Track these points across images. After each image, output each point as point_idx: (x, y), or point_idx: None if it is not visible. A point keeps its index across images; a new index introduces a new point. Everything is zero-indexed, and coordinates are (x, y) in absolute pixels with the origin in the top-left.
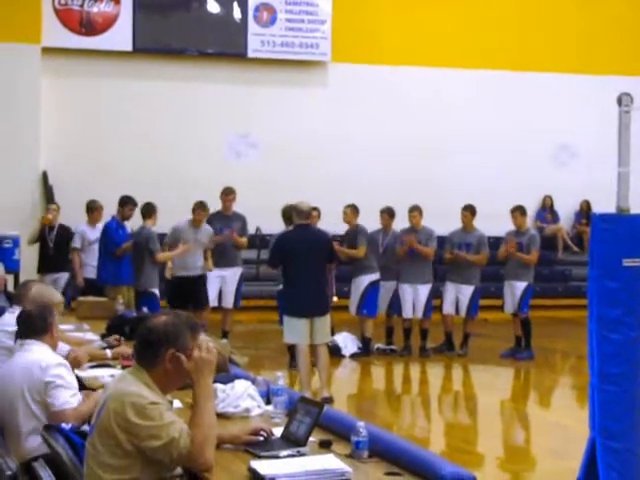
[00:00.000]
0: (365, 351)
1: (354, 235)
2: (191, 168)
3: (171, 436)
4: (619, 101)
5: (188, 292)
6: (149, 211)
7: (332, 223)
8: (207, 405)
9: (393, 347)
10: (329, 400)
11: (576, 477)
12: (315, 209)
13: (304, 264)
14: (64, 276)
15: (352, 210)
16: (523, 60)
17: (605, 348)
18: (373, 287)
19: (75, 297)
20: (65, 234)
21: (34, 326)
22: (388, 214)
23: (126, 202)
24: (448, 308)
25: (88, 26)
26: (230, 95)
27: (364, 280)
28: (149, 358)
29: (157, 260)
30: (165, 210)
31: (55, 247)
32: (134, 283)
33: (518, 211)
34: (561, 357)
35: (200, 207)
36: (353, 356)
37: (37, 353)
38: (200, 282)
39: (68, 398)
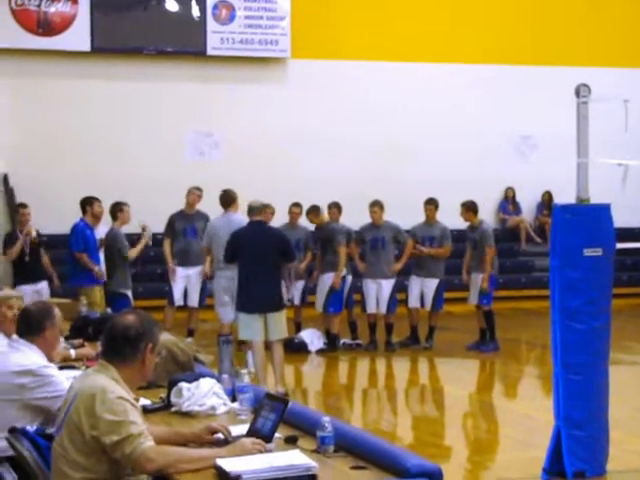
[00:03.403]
0: (331, 347)
1: (331, 233)
2: (154, 168)
3: (130, 433)
4: (577, 92)
5: None
6: (114, 211)
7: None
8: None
9: (359, 342)
10: (285, 395)
11: (542, 466)
12: (268, 206)
13: (256, 260)
14: (45, 285)
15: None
16: (483, 53)
17: (568, 338)
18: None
19: None
20: (40, 239)
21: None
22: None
23: (91, 201)
24: (413, 302)
25: (45, 26)
26: (191, 94)
27: (330, 277)
28: (127, 354)
29: (129, 257)
30: None
31: (31, 254)
32: (106, 284)
33: (463, 207)
34: (526, 348)
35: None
36: (319, 352)
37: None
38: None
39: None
